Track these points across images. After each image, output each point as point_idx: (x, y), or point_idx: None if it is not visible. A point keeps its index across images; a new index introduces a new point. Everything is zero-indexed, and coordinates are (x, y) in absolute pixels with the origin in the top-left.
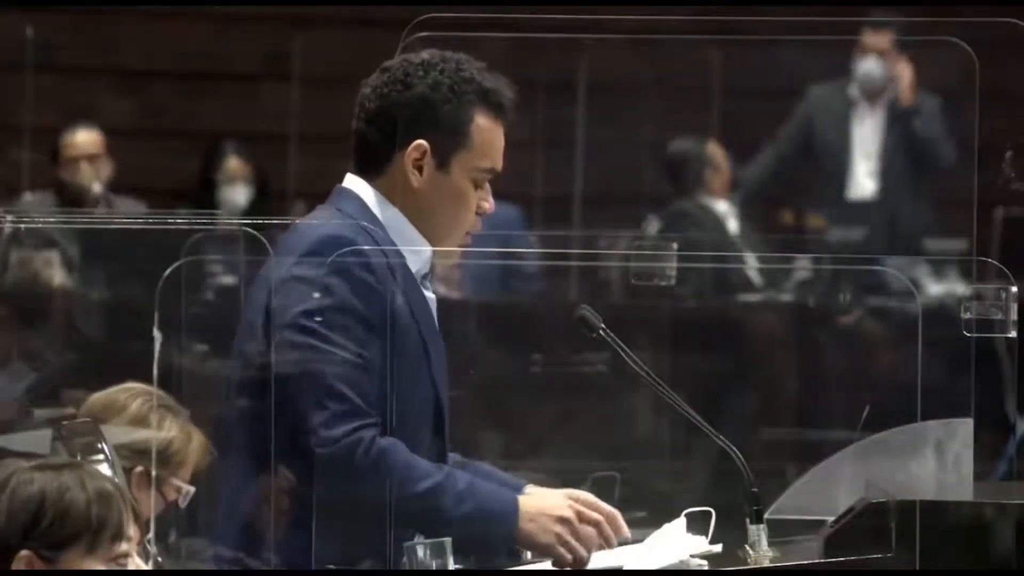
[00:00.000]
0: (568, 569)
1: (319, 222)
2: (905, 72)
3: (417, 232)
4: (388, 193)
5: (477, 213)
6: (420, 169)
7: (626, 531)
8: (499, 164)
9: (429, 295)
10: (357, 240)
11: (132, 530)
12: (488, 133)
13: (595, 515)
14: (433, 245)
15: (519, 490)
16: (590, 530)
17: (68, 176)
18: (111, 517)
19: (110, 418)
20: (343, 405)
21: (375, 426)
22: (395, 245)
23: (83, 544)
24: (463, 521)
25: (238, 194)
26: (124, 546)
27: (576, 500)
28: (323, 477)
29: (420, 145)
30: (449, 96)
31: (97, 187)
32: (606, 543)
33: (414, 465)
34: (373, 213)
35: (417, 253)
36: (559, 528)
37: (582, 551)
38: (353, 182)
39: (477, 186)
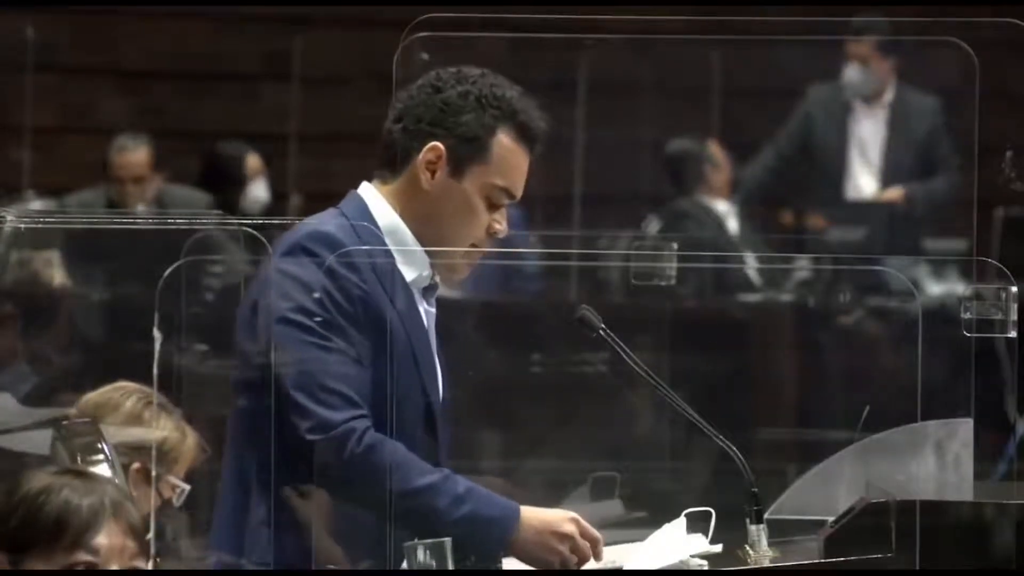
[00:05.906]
0: (567, 569)
1: (310, 220)
2: (893, 73)
3: (415, 240)
4: (400, 194)
5: (489, 234)
6: (433, 172)
7: (605, 558)
8: (516, 189)
9: (427, 308)
10: (344, 240)
11: (120, 539)
12: (509, 153)
13: (595, 532)
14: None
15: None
16: (586, 546)
17: (114, 194)
18: (70, 528)
19: (104, 417)
20: (336, 396)
21: (368, 418)
22: (387, 248)
23: (38, 551)
24: (460, 522)
25: (259, 190)
26: (86, 556)
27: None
28: (315, 466)
29: (436, 147)
30: (475, 106)
31: (141, 208)
32: (595, 560)
33: (410, 461)
34: (373, 217)
35: (415, 263)
36: (559, 545)
37: (573, 565)
38: (365, 189)
39: (491, 206)
